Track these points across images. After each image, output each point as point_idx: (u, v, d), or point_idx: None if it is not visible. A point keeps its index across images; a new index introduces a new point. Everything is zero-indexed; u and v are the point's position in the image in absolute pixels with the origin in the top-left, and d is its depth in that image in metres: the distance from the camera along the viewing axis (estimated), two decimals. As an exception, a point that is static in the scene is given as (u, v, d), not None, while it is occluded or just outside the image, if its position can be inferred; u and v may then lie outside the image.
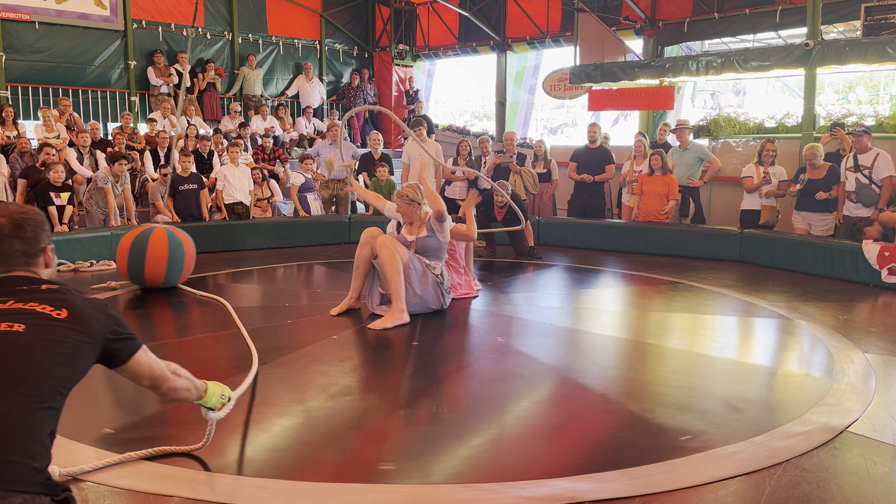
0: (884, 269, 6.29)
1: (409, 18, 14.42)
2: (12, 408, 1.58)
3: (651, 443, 3.02)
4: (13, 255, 1.88)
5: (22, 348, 1.66)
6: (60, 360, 1.71)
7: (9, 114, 9.26)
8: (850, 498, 2.56)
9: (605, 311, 5.83)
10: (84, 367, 1.81)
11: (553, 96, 12.56)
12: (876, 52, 7.33)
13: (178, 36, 12.24)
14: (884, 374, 3.95)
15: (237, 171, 8.91)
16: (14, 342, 1.67)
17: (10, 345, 1.66)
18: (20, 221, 1.90)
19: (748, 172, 7.86)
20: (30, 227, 1.91)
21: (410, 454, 2.92)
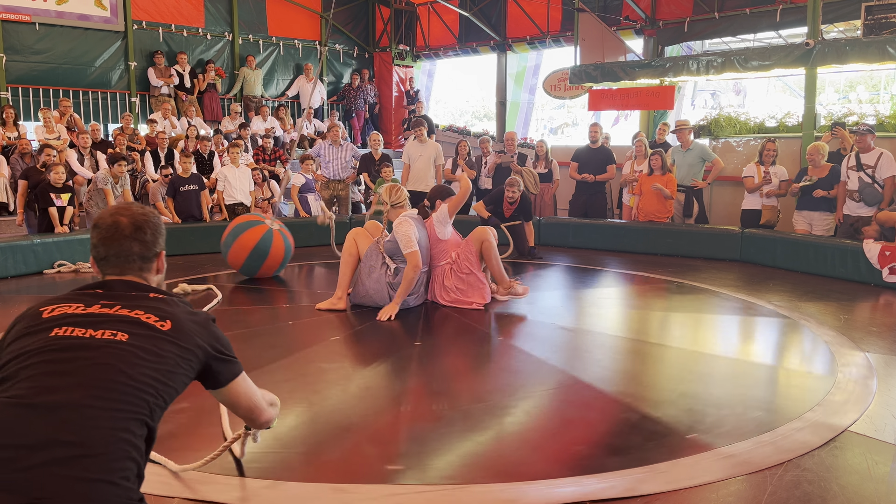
0: (885, 268, 6.28)
1: (409, 19, 14.42)
2: (106, 423, 1.53)
3: (652, 443, 3.02)
4: (130, 257, 1.84)
5: (121, 359, 1.62)
6: (158, 376, 1.65)
7: (10, 115, 9.26)
8: (851, 497, 2.56)
9: (605, 311, 5.83)
10: (181, 383, 1.74)
11: (553, 96, 12.56)
12: (876, 51, 7.32)
13: (178, 37, 12.24)
14: (885, 374, 3.94)
15: (238, 171, 8.91)
16: (114, 353, 1.62)
17: (110, 355, 1.62)
18: (141, 223, 1.86)
19: (749, 172, 7.85)
20: (149, 230, 1.87)
21: (412, 455, 2.91)
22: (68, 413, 1.51)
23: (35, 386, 1.55)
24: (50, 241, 7.06)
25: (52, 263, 7.01)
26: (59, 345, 1.62)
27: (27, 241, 6.94)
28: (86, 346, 1.62)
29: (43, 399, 1.53)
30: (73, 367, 1.58)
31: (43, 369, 1.58)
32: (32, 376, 1.56)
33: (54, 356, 1.60)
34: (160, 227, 1.92)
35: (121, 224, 1.84)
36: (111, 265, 1.85)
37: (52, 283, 6.61)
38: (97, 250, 1.85)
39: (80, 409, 1.53)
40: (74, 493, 1.44)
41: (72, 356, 1.60)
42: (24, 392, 1.54)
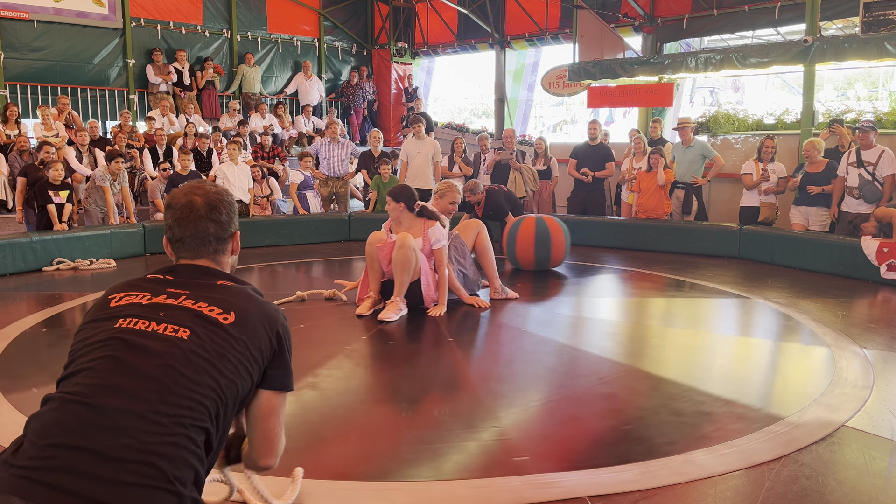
0: (882, 265, 6.30)
1: (407, 16, 14.41)
2: (166, 430, 1.49)
3: (651, 438, 3.03)
4: (206, 238, 1.80)
5: (182, 361, 1.56)
6: (219, 377, 1.59)
7: (13, 113, 9.27)
8: (848, 492, 2.57)
9: (604, 308, 5.84)
10: (244, 386, 1.65)
11: (552, 93, 12.55)
12: (875, 48, 7.33)
13: (176, 34, 12.23)
14: (882, 370, 3.96)
15: (236, 169, 8.91)
16: (175, 354, 1.57)
17: (170, 356, 1.57)
18: (216, 202, 1.81)
19: (747, 169, 7.86)
20: (224, 210, 1.83)
21: (415, 451, 2.92)
22: (127, 417, 1.48)
23: (95, 385, 1.52)
24: (49, 238, 7.06)
25: (51, 261, 7.01)
26: (121, 341, 1.59)
27: (26, 238, 6.94)
28: (146, 347, 1.58)
29: (102, 401, 1.49)
30: (134, 368, 1.54)
31: (104, 366, 1.55)
32: (92, 372, 1.54)
33: (115, 353, 1.56)
34: (234, 206, 1.87)
35: (195, 204, 1.79)
36: (186, 247, 1.80)
37: (50, 280, 6.62)
38: (172, 231, 1.80)
39: (139, 414, 1.49)
40: (131, 499, 1.42)
41: (132, 355, 1.56)
42: (86, 391, 1.51)
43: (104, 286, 6.15)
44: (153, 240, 7.89)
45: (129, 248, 7.67)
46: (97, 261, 7.20)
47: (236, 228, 1.87)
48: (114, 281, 4.07)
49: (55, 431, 1.46)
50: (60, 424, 1.47)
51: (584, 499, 2.51)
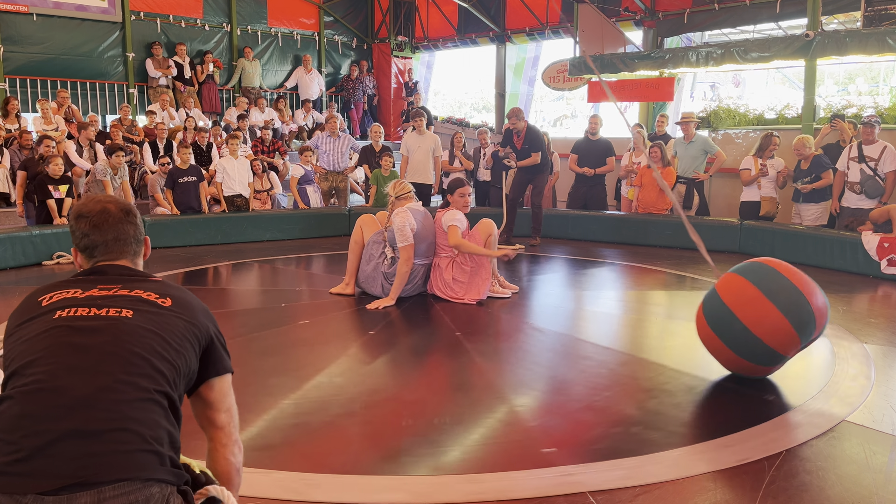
0: (883, 259, 6.29)
1: (408, 10, 14.38)
2: (131, 396, 1.54)
3: (651, 433, 3.03)
4: (127, 240, 1.85)
5: (130, 334, 1.62)
6: (169, 349, 1.65)
7: (14, 107, 9.25)
8: (848, 487, 2.57)
9: (604, 303, 5.83)
10: (193, 357, 1.72)
11: (552, 88, 12.53)
12: (876, 42, 7.31)
13: (176, 27, 12.20)
14: (883, 365, 3.96)
15: (236, 163, 8.89)
16: (122, 328, 1.63)
17: (118, 330, 1.62)
18: (129, 207, 1.88)
19: (746, 165, 7.86)
20: (137, 214, 1.90)
21: (412, 446, 2.92)
22: (92, 391, 1.52)
23: (51, 370, 1.54)
24: (49, 232, 7.06)
25: (51, 255, 7.01)
26: (67, 326, 1.61)
27: (26, 232, 6.94)
28: (93, 326, 1.62)
29: (63, 382, 1.52)
30: (86, 346, 1.58)
31: (56, 352, 1.57)
32: (46, 360, 1.56)
33: (64, 339, 1.59)
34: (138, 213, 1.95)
35: (110, 210, 1.84)
36: (108, 250, 1.84)
37: (51, 274, 6.61)
38: (89, 238, 1.83)
39: (103, 386, 1.53)
40: (115, 466, 1.46)
41: (82, 336, 1.60)
42: (43, 377, 1.53)
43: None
44: (153, 234, 7.86)
45: (129, 243, 7.66)
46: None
47: (145, 234, 1.95)
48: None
49: (24, 423, 1.47)
50: (27, 416, 1.48)
51: (584, 494, 2.52)
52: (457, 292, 5.35)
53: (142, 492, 1.47)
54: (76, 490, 1.41)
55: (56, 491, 1.40)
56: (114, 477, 1.45)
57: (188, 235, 8.12)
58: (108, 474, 1.44)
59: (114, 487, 1.44)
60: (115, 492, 1.44)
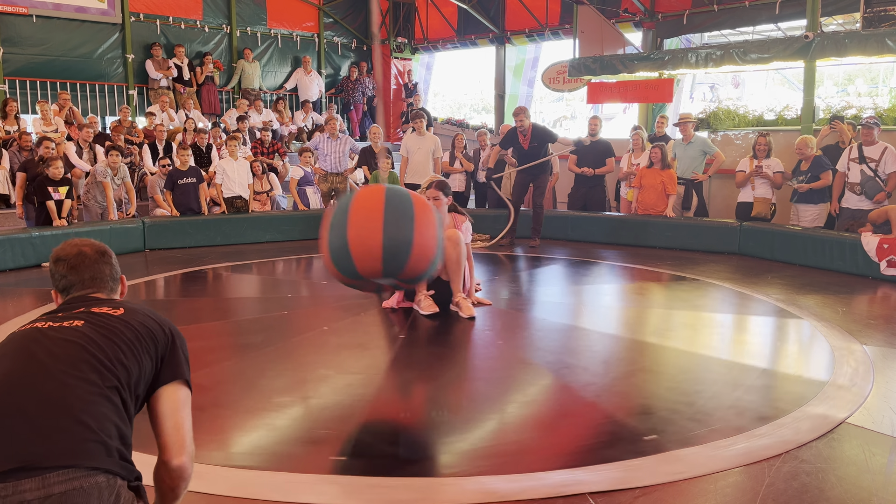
0: (882, 261, 6.30)
1: (407, 11, 14.38)
2: (80, 390, 1.58)
3: (650, 435, 3.03)
4: (104, 279, 1.94)
5: (81, 338, 1.68)
6: (118, 352, 1.70)
7: (12, 108, 9.24)
8: (848, 489, 2.57)
9: (603, 304, 5.84)
10: (144, 363, 1.75)
11: (552, 89, 12.53)
12: (875, 44, 7.31)
13: (175, 29, 12.20)
14: (882, 366, 3.96)
15: (236, 164, 8.89)
16: (73, 334, 1.69)
17: (71, 336, 1.69)
18: (103, 249, 1.97)
19: (741, 166, 7.90)
20: (112, 256, 1.99)
21: (408, 448, 2.93)
22: (40, 383, 1.56)
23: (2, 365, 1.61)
24: (48, 234, 7.05)
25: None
26: (21, 338, 1.69)
27: (25, 233, 6.93)
28: (46, 336, 1.68)
29: (11, 378, 1.57)
30: (36, 349, 1.64)
31: (5, 356, 1.65)
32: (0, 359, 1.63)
33: (16, 345, 1.67)
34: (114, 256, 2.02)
35: (86, 252, 1.93)
36: (84, 287, 1.91)
37: (49, 275, 6.60)
38: (67, 279, 1.91)
39: (52, 379, 1.58)
40: (58, 453, 1.47)
41: (33, 343, 1.66)
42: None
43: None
44: (153, 235, 7.89)
45: (128, 244, 7.66)
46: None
47: (121, 273, 2.02)
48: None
49: None
50: None
51: (584, 495, 2.52)
52: None
53: (87, 479, 1.48)
54: (21, 476, 1.43)
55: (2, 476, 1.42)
56: (58, 463, 1.46)
57: (187, 237, 8.11)
58: (51, 460, 1.46)
59: (58, 474, 1.45)
60: (59, 478, 1.45)
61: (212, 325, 4.95)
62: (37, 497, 1.42)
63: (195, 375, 1.98)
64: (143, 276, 6.49)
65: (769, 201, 7.80)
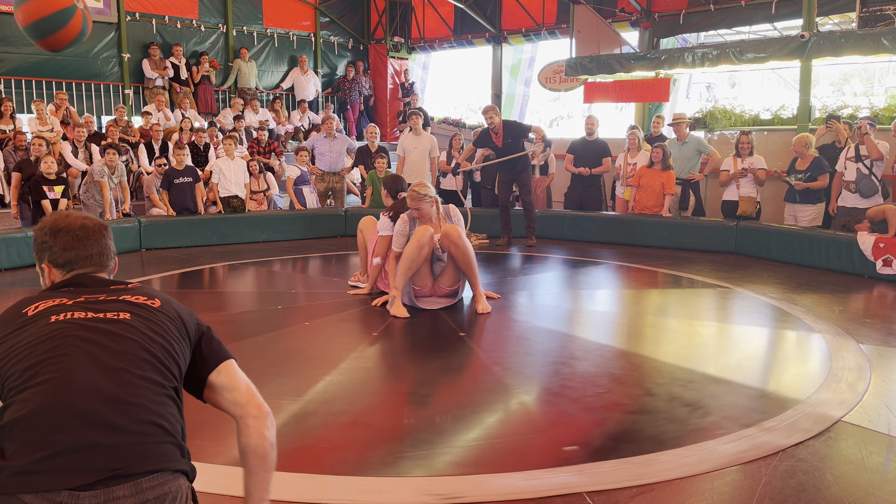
0: (878, 260, 6.31)
1: (403, 10, 14.37)
2: (148, 391, 1.55)
3: (647, 434, 3.03)
4: (108, 254, 1.86)
5: (134, 334, 1.63)
6: (169, 347, 1.67)
7: (7, 108, 9.21)
8: (845, 487, 2.58)
9: (600, 303, 5.84)
10: (186, 356, 1.74)
11: (548, 89, 12.53)
12: (871, 43, 7.33)
13: (172, 28, 12.18)
14: (879, 365, 3.96)
15: (232, 164, 8.88)
16: (125, 328, 1.63)
17: (122, 331, 1.62)
18: (103, 223, 1.89)
19: (725, 165, 7.93)
20: (109, 232, 1.90)
21: (409, 446, 2.92)
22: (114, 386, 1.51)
23: (65, 368, 1.51)
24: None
25: (47, 256, 6.98)
26: (69, 328, 1.59)
27: (21, 233, 6.91)
28: (96, 328, 1.60)
29: (82, 379, 1.50)
30: (95, 345, 1.57)
31: (65, 352, 1.54)
32: (57, 360, 1.52)
33: (70, 340, 1.56)
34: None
35: (89, 225, 1.83)
36: (90, 263, 1.82)
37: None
38: (71, 252, 1.80)
39: (123, 381, 1.53)
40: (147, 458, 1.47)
41: (88, 335, 1.58)
42: (59, 375, 1.49)
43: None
44: (148, 235, 7.87)
45: (124, 243, 7.65)
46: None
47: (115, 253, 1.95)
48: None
49: (47, 420, 1.44)
50: (50, 413, 1.45)
51: (581, 494, 2.52)
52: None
53: (173, 482, 1.50)
54: (111, 483, 1.41)
55: (91, 485, 1.39)
56: (147, 468, 1.46)
57: (184, 236, 8.10)
58: (141, 466, 1.45)
59: (149, 479, 1.46)
60: (150, 483, 1.46)
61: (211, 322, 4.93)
62: (133, 503, 1.43)
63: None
64: (138, 276, 6.47)
65: (754, 199, 7.82)
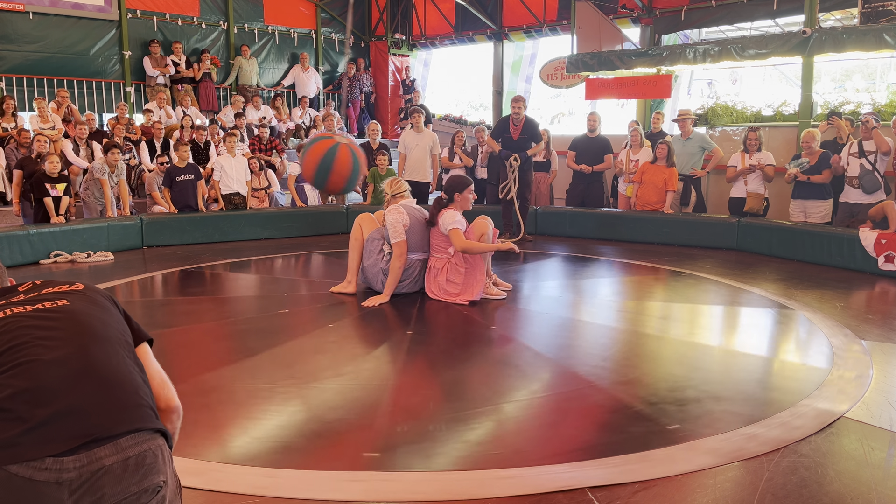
0: (880, 256, 6.31)
1: (404, 7, 14.36)
2: (115, 359, 1.59)
3: (650, 430, 3.03)
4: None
5: (81, 312, 1.67)
6: (114, 320, 1.72)
7: (9, 106, 9.21)
8: (847, 483, 2.58)
9: (601, 300, 5.84)
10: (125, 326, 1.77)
11: (550, 85, 12.52)
12: (873, 39, 7.32)
13: (173, 26, 12.17)
14: (881, 361, 3.97)
15: (234, 161, 8.88)
16: (70, 309, 1.67)
17: (68, 311, 1.66)
18: None
19: (733, 161, 7.91)
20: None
21: (409, 442, 2.92)
22: (82, 357, 1.55)
23: (29, 351, 1.53)
24: (46, 231, 7.04)
25: (49, 253, 7.00)
26: (15, 320, 1.61)
27: (23, 231, 6.92)
28: (44, 315, 1.63)
29: (49, 356, 1.53)
30: (50, 328, 1.59)
31: (23, 338, 1.56)
32: (17, 347, 1.54)
33: (23, 328, 1.58)
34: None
35: None
36: None
37: (48, 272, 6.60)
38: None
39: (90, 352, 1.57)
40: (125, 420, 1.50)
41: (39, 322, 1.60)
42: (24, 358, 1.52)
43: (102, 278, 6.15)
44: (150, 232, 7.88)
45: (126, 241, 7.66)
46: (94, 253, 7.19)
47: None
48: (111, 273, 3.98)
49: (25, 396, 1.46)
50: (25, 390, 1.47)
51: (583, 490, 2.52)
52: (451, 293, 5.32)
53: (153, 441, 1.53)
54: (93, 447, 1.44)
55: (73, 450, 1.42)
56: (125, 429, 1.49)
57: (186, 234, 8.11)
58: (119, 427, 1.49)
59: (128, 438, 1.49)
60: (130, 441, 1.49)
61: (211, 322, 4.94)
62: (116, 461, 1.46)
63: (195, 371, 1.98)
64: (140, 274, 6.48)
65: (762, 196, 7.81)
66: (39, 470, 1.39)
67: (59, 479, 1.40)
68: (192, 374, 3.60)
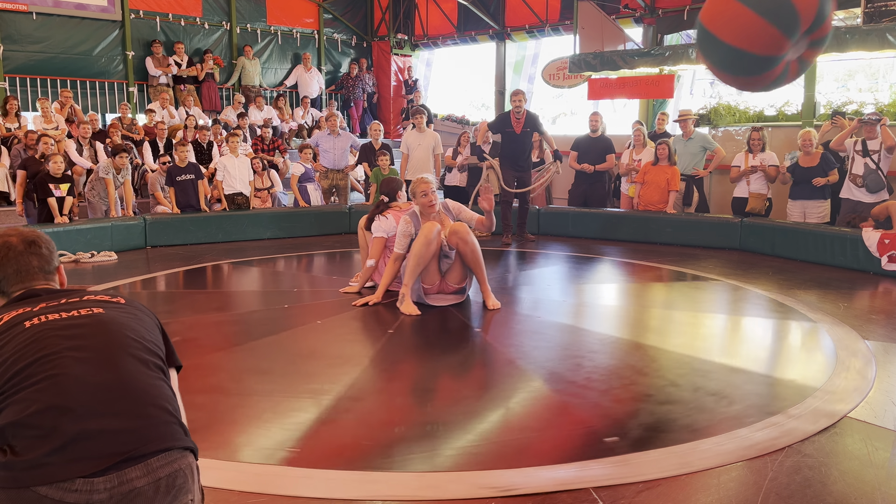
0: (884, 256, 6.30)
1: (407, 7, 14.36)
2: (146, 377, 1.58)
3: (653, 429, 3.03)
4: (31, 271, 1.81)
5: (114, 324, 1.64)
6: (149, 335, 1.70)
7: (13, 106, 9.23)
8: (851, 483, 2.58)
9: (604, 300, 5.84)
10: (161, 343, 1.75)
11: (552, 85, 12.51)
12: (876, 39, 7.31)
13: (175, 26, 12.19)
14: (884, 361, 3.96)
15: (237, 161, 8.89)
16: (103, 319, 1.64)
17: (101, 322, 1.63)
18: (33, 238, 1.84)
19: (737, 161, 7.91)
20: (44, 244, 1.85)
21: (411, 442, 2.93)
22: (112, 373, 1.53)
23: (59, 363, 1.51)
24: (49, 231, 7.04)
25: (52, 254, 7.00)
26: (48, 329, 1.58)
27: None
28: (75, 324, 1.60)
29: (78, 371, 1.51)
30: (80, 338, 1.57)
31: (53, 349, 1.53)
32: (47, 358, 1.51)
33: (54, 338, 1.56)
34: (54, 245, 1.90)
35: (11, 243, 1.81)
36: (12, 283, 1.79)
37: None
38: (8, 268, 1.78)
39: (120, 367, 1.55)
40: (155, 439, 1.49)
41: (70, 332, 1.58)
42: (54, 371, 1.50)
43: (105, 278, 6.17)
44: (154, 232, 7.89)
45: (130, 241, 7.68)
46: (98, 253, 7.20)
47: (59, 263, 1.90)
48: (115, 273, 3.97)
49: (52, 414, 1.44)
50: (53, 406, 1.45)
51: (587, 489, 2.52)
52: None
53: (183, 460, 1.52)
54: (123, 467, 1.42)
55: (104, 471, 1.40)
56: (156, 448, 1.48)
57: (189, 234, 8.12)
58: (149, 446, 1.47)
59: (158, 458, 1.47)
60: (161, 462, 1.47)
61: (212, 323, 4.95)
62: (147, 483, 1.44)
63: (197, 370, 1.99)
64: (144, 274, 6.49)
65: (764, 196, 7.81)
66: (69, 492, 1.36)
67: (90, 501, 1.37)
68: (190, 374, 3.61)
